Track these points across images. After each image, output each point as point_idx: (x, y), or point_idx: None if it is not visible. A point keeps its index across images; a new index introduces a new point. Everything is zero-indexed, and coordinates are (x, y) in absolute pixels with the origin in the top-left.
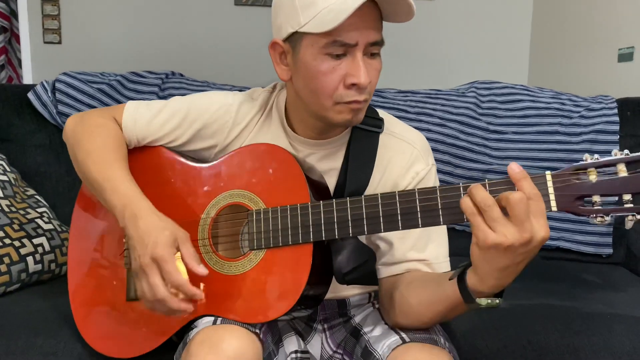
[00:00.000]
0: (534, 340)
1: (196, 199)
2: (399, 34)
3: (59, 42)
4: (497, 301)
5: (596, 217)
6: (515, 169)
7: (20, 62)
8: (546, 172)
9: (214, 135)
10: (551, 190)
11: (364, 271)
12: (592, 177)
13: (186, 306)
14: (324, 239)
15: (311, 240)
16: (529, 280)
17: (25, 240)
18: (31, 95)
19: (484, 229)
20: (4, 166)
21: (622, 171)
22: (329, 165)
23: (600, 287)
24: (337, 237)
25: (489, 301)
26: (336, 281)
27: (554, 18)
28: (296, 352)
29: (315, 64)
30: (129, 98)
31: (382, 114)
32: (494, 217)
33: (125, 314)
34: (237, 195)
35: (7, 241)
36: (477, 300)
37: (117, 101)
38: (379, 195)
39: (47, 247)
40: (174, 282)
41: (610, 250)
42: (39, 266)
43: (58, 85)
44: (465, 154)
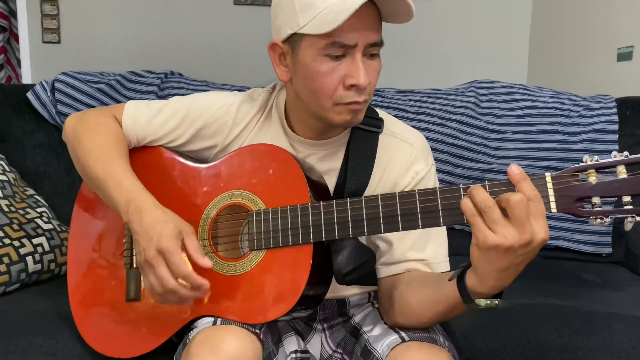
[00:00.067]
0: (533, 339)
1: (196, 199)
2: (398, 33)
3: (58, 42)
4: (497, 302)
5: (596, 218)
6: (515, 171)
7: (19, 61)
8: (546, 174)
9: (213, 136)
10: (551, 191)
11: (364, 272)
12: (592, 179)
13: (196, 293)
14: (324, 239)
15: (311, 241)
16: (528, 280)
17: (25, 240)
18: (30, 95)
19: (484, 230)
20: (3, 166)
21: (622, 173)
22: (328, 166)
23: (599, 287)
24: (337, 237)
25: (488, 302)
26: (336, 282)
27: (553, 17)
28: (296, 352)
29: (314, 65)
30: (128, 98)
31: (382, 113)
32: (494, 218)
33: (124, 314)
34: (237, 196)
35: (7, 241)
36: (477, 300)
37: (116, 101)
38: (379, 196)
39: (46, 247)
40: (180, 273)
41: (609, 250)
42: (38, 266)
43: (57, 85)
44: (464, 153)
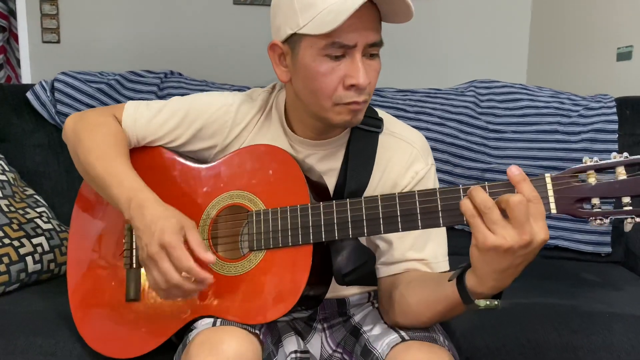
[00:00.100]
0: (532, 339)
1: (196, 199)
2: (398, 33)
3: (58, 42)
4: (496, 302)
5: (595, 219)
6: (515, 172)
7: (18, 61)
8: (546, 175)
9: (213, 136)
10: (551, 192)
11: (364, 272)
12: (592, 180)
13: (200, 286)
14: (323, 240)
15: (311, 242)
16: (528, 279)
17: (25, 240)
18: (30, 95)
19: (483, 231)
20: (2, 166)
21: (622, 174)
22: (328, 166)
23: (599, 286)
24: (336, 238)
25: (487, 302)
26: (336, 282)
27: (552, 17)
28: (296, 352)
29: (314, 65)
30: (127, 97)
31: (382, 113)
32: (494, 219)
33: (124, 314)
34: (236, 196)
35: (7, 241)
36: (476, 301)
37: (116, 101)
38: (378, 197)
39: (46, 247)
40: (183, 267)
41: (609, 249)
42: (38, 266)
43: (57, 84)
44: (464, 153)
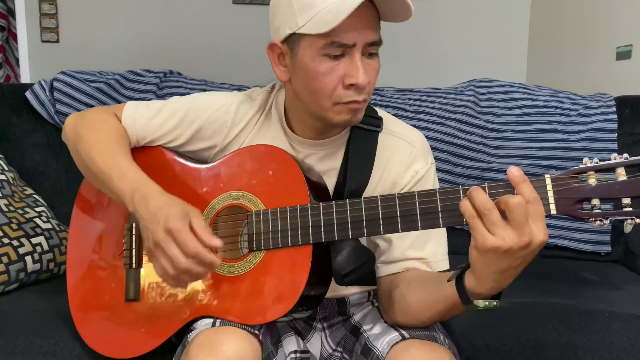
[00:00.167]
0: (532, 338)
1: (195, 199)
2: (397, 32)
3: (57, 41)
4: (495, 303)
5: (595, 220)
6: (515, 173)
7: (17, 60)
8: (546, 176)
9: (213, 136)
10: (550, 193)
11: (363, 272)
12: (592, 181)
13: (208, 269)
14: (323, 240)
15: (311, 242)
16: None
17: (24, 240)
18: (29, 95)
19: (483, 232)
20: (2, 165)
21: (622, 175)
22: (328, 165)
23: (598, 285)
24: (336, 238)
25: (486, 303)
26: (335, 282)
27: (552, 16)
28: (295, 352)
29: (313, 65)
30: (127, 97)
31: (381, 112)
32: (493, 220)
33: (124, 314)
34: (236, 197)
35: (6, 240)
36: (475, 301)
37: (115, 100)
38: (378, 197)
39: (45, 247)
40: (191, 251)
41: (608, 248)
42: (37, 265)
43: (56, 84)
44: (463, 152)
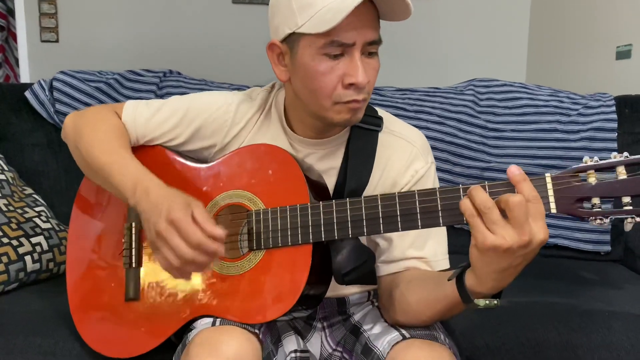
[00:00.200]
0: (532, 337)
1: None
2: (397, 32)
3: (56, 41)
4: (495, 302)
5: (595, 219)
6: (515, 172)
7: (17, 60)
8: (546, 174)
9: (212, 135)
10: (551, 192)
11: (363, 271)
12: (592, 180)
13: (209, 259)
14: (323, 239)
15: (310, 241)
16: (527, 278)
17: (23, 240)
18: (28, 94)
19: (483, 231)
20: (1, 165)
21: (622, 173)
22: (328, 165)
23: (598, 285)
24: (336, 237)
25: (487, 302)
26: (335, 281)
27: (551, 16)
28: (295, 351)
29: (313, 64)
30: (126, 97)
31: (381, 112)
32: (493, 219)
33: (123, 314)
34: (236, 196)
35: (5, 240)
36: (475, 300)
37: (115, 100)
38: (378, 197)
39: (45, 246)
40: (193, 240)
41: (608, 248)
42: (37, 265)
43: (55, 84)
44: (463, 151)
